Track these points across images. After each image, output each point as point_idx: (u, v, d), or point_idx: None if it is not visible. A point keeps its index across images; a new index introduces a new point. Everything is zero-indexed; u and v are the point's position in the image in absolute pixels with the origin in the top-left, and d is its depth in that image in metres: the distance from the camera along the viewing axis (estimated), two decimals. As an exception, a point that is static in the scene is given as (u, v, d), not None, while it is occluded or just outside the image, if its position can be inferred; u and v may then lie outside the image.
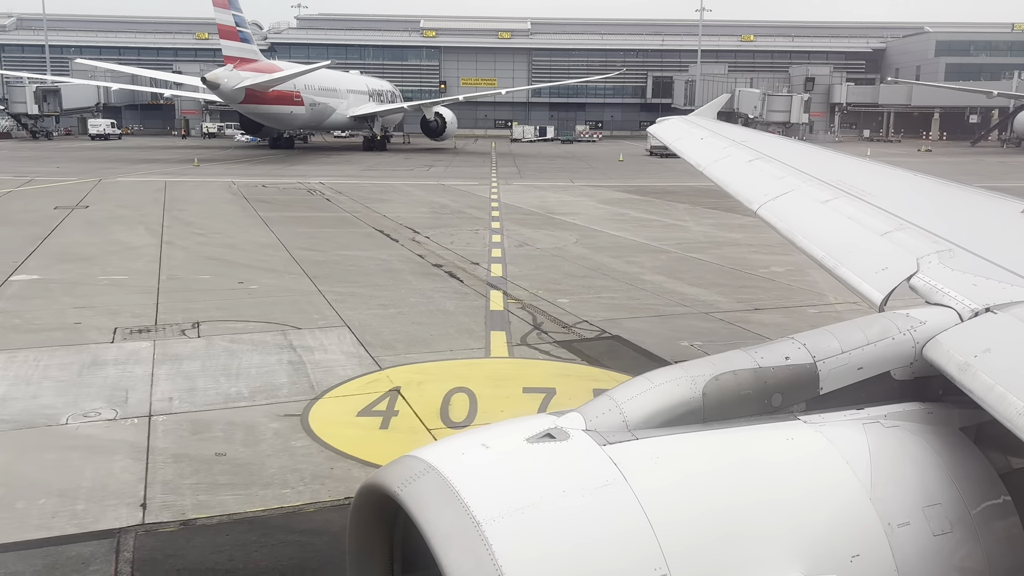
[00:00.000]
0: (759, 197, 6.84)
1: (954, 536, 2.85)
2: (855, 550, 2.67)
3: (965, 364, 3.05)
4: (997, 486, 3.02)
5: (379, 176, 46.25)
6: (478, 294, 16.44)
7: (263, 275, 18.08)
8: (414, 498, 2.42)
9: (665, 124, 12.22)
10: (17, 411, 9.88)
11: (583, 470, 2.52)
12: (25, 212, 28.49)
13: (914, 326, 3.34)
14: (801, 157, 7.87)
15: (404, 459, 2.62)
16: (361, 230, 25.33)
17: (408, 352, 12.44)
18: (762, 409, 3.01)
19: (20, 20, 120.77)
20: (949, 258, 4.20)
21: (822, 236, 5.53)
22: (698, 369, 2.98)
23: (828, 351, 3.16)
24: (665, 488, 2.54)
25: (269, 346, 12.68)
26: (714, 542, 2.49)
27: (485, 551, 2.26)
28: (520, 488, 2.44)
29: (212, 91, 57.72)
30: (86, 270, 18.48)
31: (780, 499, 2.67)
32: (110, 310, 14.79)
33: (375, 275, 18.31)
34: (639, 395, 2.85)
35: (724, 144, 9.25)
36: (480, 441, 2.63)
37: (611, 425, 2.74)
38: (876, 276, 4.49)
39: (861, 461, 2.84)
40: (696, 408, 2.87)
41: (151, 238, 23.06)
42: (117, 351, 12.35)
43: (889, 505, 2.78)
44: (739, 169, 8.10)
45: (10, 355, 12.06)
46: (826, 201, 6.06)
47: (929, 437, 3.05)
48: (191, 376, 11.22)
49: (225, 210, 30.01)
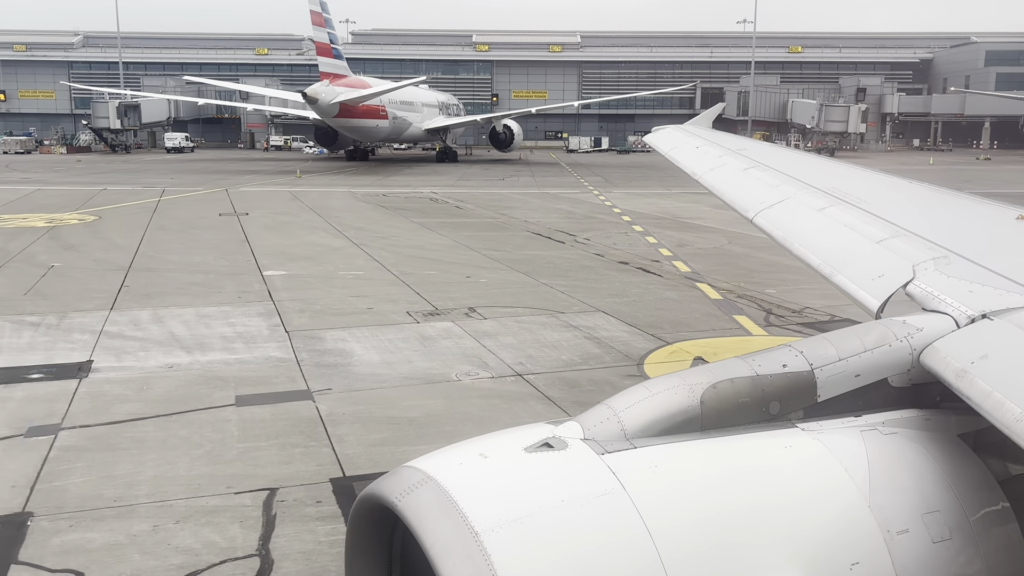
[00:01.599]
0: (755, 205, 6.86)
1: (953, 543, 2.86)
2: (854, 558, 2.68)
3: (962, 370, 3.05)
4: (996, 493, 3.02)
5: (478, 185, 48.68)
6: (686, 286, 18.62)
7: (477, 271, 20.40)
8: (412, 508, 2.43)
9: (660, 133, 12.29)
10: (411, 371, 12.22)
11: (581, 479, 2.54)
12: (198, 219, 31.10)
13: (911, 333, 3.35)
14: (796, 165, 8.00)
15: (401, 469, 2.63)
16: (519, 233, 27.64)
17: (676, 331, 14.62)
18: (760, 417, 3.03)
19: (87, 38, 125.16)
20: (945, 265, 4.20)
21: (818, 243, 5.56)
22: (696, 377, 3.00)
23: (825, 358, 3.18)
24: (664, 497, 2.56)
25: (553, 325, 14.94)
26: (713, 551, 2.51)
27: (484, 561, 2.28)
28: (518, 498, 2.45)
29: (310, 105, 60.60)
30: (319, 267, 20.89)
31: (778, 507, 2.68)
32: (384, 298, 17.14)
33: (576, 271, 20.55)
34: (637, 404, 2.87)
35: (719, 153, 9.31)
36: (478, 451, 2.66)
37: (609, 434, 2.75)
38: (872, 283, 4.49)
39: (859, 468, 2.86)
40: (694, 416, 2.90)
41: (340, 240, 25.50)
42: (431, 329, 14.66)
43: (888, 512, 2.79)
44: (734, 177, 8.15)
45: (352, 331, 14.41)
46: (822, 209, 6.10)
47: (927, 444, 3.06)
48: (517, 347, 13.49)
49: (375, 216, 32.47)
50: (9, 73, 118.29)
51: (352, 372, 12.18)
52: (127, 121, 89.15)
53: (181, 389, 11.36)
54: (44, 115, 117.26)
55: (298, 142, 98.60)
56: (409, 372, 12.18)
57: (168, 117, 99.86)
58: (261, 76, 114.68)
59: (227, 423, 10.11)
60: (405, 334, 14.29)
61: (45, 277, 19.28)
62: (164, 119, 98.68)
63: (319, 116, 63.24)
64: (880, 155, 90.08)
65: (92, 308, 16.07)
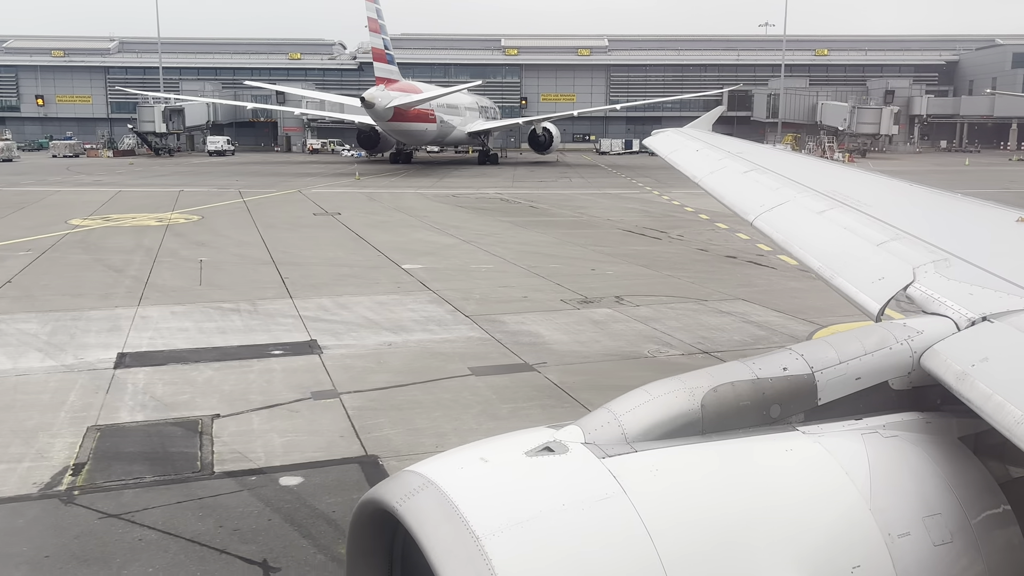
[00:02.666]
0: (755, 208, 6.88)
1: (955, 546, 2.86)
2: (855, 561, 2.69)
3: (963, 373, 3.05)
4: (997, 495, 3.03)
5: (535, 187, 50.17)
6: (807, 277, 19.93)
7: (598, 264, 21.84)
8: (413, 513, 2.45)
9: (661, 136, 12.37)
10: (605, 348, 13.68)
11: (582, 483, 2.54)
12: (297, 218, 32.66)
13: (911, 336, 3.35)
14: (796, 168, 8.01)
15: (402, 474, 2.64)
16: (611, 231, 29.09)
17: (823, 316, 15.99)
18: (760, 420, 3.04)
19: (122, 43, 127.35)
20: (945, 267, 4.20)
21: (818, 246, 5.58)
22: (696, 381, 3.02)
23: (826, 361, 3.19)
24: (664, 500, 2.56)
25: (705, 311, 16.35)
26: (714, 554, 2.51)
27: (484, 565, 2.28)
28: (519, 502, 2.46)
29: (367, 109, 62.24)
30: (448, 262, 22.36)
31: (779, 510, 2.69)
32: (530, 288, 18.60)
33: (690, 264, 21.97)
34: (637, 407, 2.88)
35: (719, 156, 9.35)
36: (479, 455, 2.67)
37: (610, 438, 2.76)
38: (872, 286, 4.52)
39: (860, 471, 2.86)
40: (695, 420, 2.91)
41: (448, 238, 26.98)
42: (594, 314, 16.09)
43: (889, 515, 2.79)
44: (735, 180, 8.17)
45: (524, 316, 15.87)
46: (822, 212, 6.09)
47: (928, 447, 3.06)
48: (686, 329, 14.91)
49: (462, 215, 33.97)
50: (47, 79, 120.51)
51: (552, 349, 13.63)
52: (171, 125, 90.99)
53: (414, 362, 12.83)
54: (81, 119, 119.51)
55: (336, 145, 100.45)
56: (603, 350, 13.63)
57: (207, 121, 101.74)
58: (294, 80, 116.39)
59: (479, 388, 11.59)
60: (575, 318, 15.74)
61: (203, 270, 20.83)
62: (204, 123, 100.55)
63: (373, 120, 64.88)
64: (911, 156, 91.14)
65: (272, 297, 17.59)
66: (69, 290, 18.25)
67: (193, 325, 15.10)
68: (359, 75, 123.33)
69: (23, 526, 7.64)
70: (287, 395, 11.28)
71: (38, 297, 17.45)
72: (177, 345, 13.77)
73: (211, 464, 8.99)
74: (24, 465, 8.93)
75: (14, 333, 14.44)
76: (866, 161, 77.39)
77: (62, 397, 11.11)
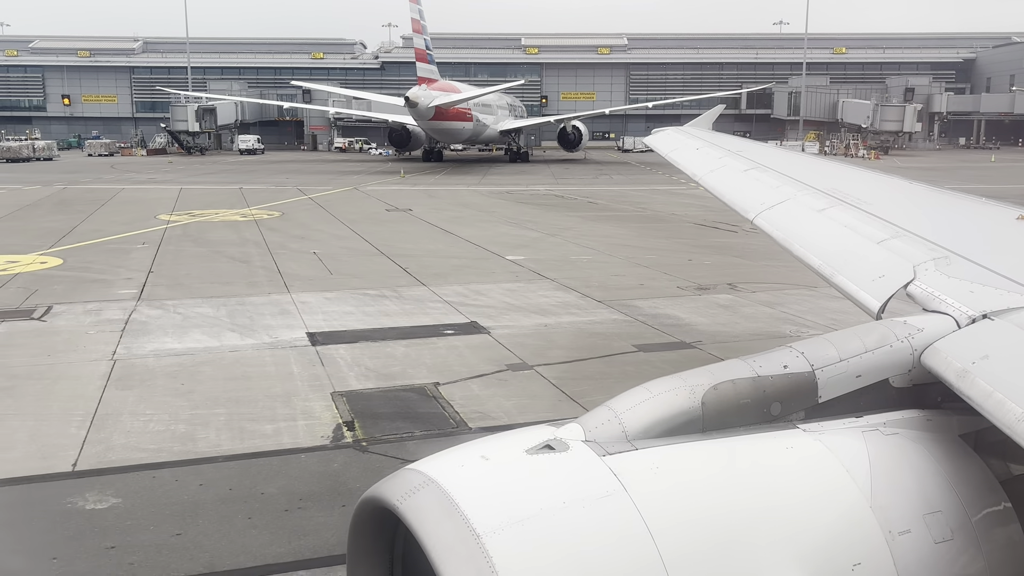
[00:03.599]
0: (755, 206, 6.91)
1: (955, 543, 2.86)
2: (856, 558, 2.70)
3: (963, 371, 3.06)
4: (997, 493, 3.04)
5: (581, 183, 51.45)
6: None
7: (692, 255, 23.09)
8: (413, 511, 2.47)
9: (661, 135, 12.46)
10: (746, 329, 14.92)
11: (583, 481, 2.56)
12: (374, 214, 33.94)
13: (912, 333, 3.35)
14: (796, 166, 8.06)
15: (403, 472, 2.66)
16: (682, 224, 30.37)
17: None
18: (761, 418, 3.05)
19: (146, 44, 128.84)
20: (946, 265, 4.21)
21: (819, 244, 5.60)
22: (697, 379, 3.03)
23: (826, 359, 3.19)
24: (665, 498, 2.58)
25: (822, 296, 17.45)
26: (715, 551, 2.53)
27: (485, 563, 2.30)
28: (520, 500, 2.47)
29: (410, 108, 63.60)
30: (545, 254, 23.60)
31: (780, 508, 2.70)
32: (642, 277, 19.85)
33: (780, 254, 23.01)
34: (638, 405, 2.91)
35: (719, 154, 9.39)
36: (479, 453, 2.68)
37: (610, 436, 2.78)
38: (873, 284, 4.52)
39: (861, 469, 2.86)
40: (695, 417, 2.93)
41: (530, 232, 28.23)
42: (718, 299, 17.33)
43: (890, 513, 2.80)
44: (735, 179, 8.19)
45: (652, 301, 17.12)
46: (822, 210, 6.12)
47: (928, 444, 3.07)
48: (814, 312, 16.14)
49: (530, 211, 35.21)
50: (73, 78, 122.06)
51: (699, 330, 14.87)
52: (203, 124, 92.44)
53: (579, 341, 14.09)
54: (107, 119, 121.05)
55: (363, 144, 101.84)
56: (745, 330, 14.88)
57: (236, 120, 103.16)
58: (317, 80, 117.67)
59: (655, 363, 12.82)
60: (701, 303, 16.99)
61: (324, 261, 22.10)
62: (232, 122, 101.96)
63: (415, 118, 66.24)
64: (932, 154, 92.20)
65: (406, 284, 18.87)
66: (214, 279, 19.55)
67: (355, 309, 16.37)
68: (381, 74, 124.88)
69: (339, 469, 8.90)
70: (485, 367, 12.53)
71: (189, 286, 18.73)
72: (353, 326, 15.04)
73: (463, 422, 10.25)
74: (300, 423, 10.20)
75: (195, 316, 15.73)
76: (890, 158, 78.61)
77: (287, 369, 12.39)
